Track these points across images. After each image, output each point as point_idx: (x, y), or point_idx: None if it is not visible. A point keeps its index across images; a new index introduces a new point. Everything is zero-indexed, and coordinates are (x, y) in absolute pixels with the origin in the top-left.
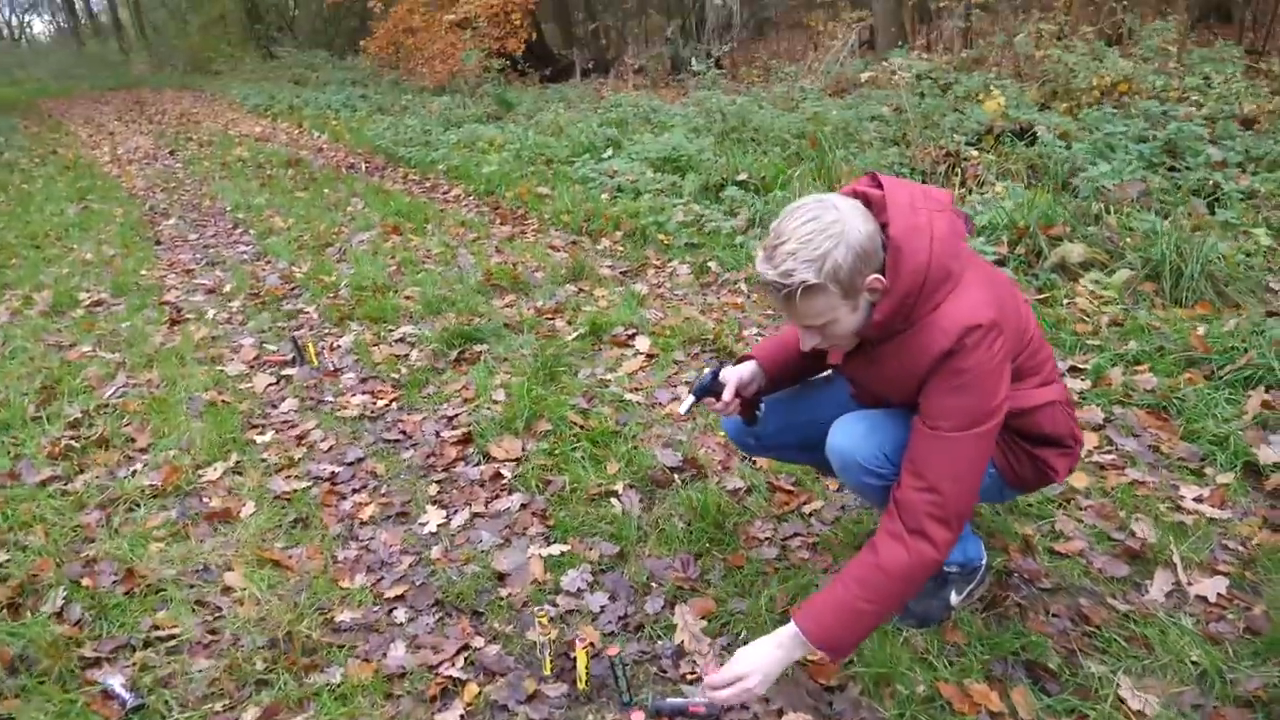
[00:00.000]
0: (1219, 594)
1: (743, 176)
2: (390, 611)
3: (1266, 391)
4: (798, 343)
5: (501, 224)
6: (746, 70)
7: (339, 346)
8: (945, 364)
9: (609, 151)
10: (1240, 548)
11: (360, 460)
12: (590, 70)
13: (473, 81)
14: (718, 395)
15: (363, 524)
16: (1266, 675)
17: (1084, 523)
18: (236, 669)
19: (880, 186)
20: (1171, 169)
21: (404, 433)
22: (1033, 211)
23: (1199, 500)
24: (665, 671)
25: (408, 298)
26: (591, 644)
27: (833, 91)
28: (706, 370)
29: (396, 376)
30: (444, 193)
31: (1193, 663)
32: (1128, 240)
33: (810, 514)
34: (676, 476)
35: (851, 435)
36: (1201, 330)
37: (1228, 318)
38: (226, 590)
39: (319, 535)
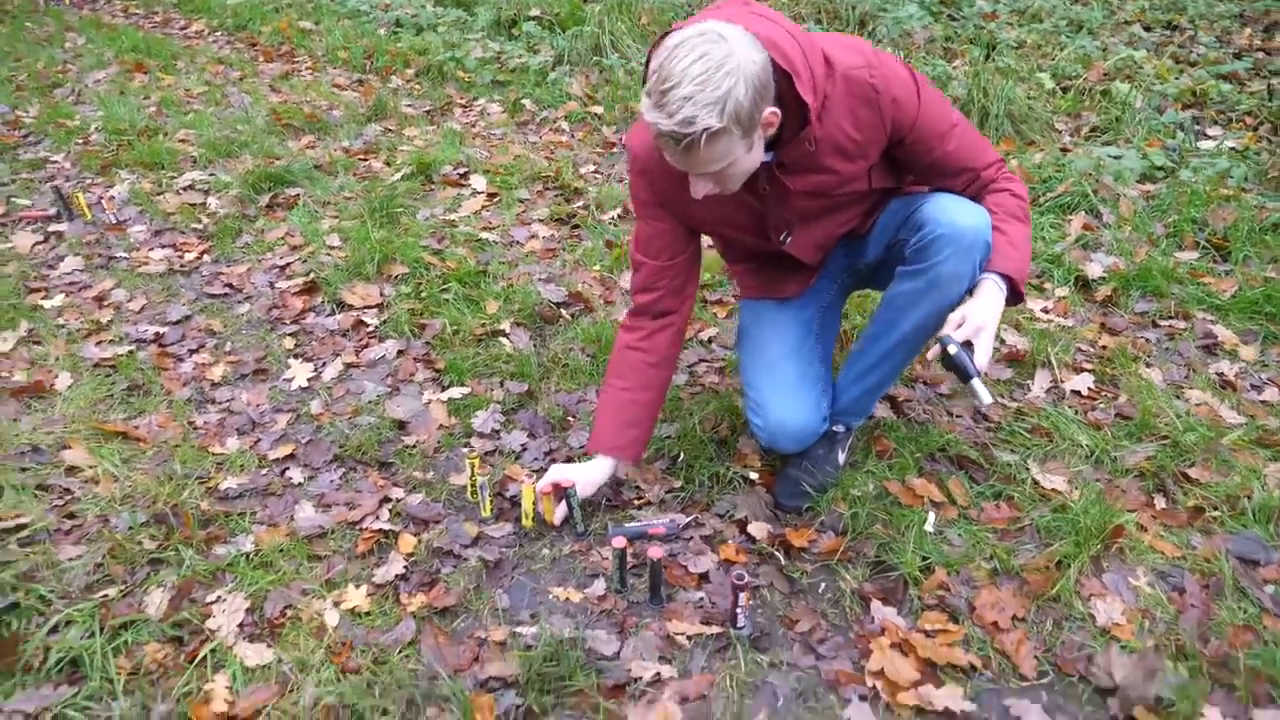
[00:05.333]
0: (1088, 388)
1: (535, 13)
2: (283, 473)
3: (1085, 216)
4: (638, 389)
5: (267, 61)
6: None
7: (113, 198)
8: (890, 102)
9: None
10: (1091, 349)
11: (188, 318)
12: None
13: None
14: None
15: (214, 385)
16: (1145, 450)
17: None
18: (121, 551)
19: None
20: (950, 18)
21: (230, 286)
22: None
23: (1046, 312)
24: (610, 499)
25: (183, 141)
26: (519, 479)
27: None
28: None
29: (199, 227)
30: (181, 28)
31: (1085, 445)
32: None
33: (709, 340)
34: (564, 311)
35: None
36: (1014, 163)
37: (1032, 153)
38: (71, 470)
39: (164, 401)
